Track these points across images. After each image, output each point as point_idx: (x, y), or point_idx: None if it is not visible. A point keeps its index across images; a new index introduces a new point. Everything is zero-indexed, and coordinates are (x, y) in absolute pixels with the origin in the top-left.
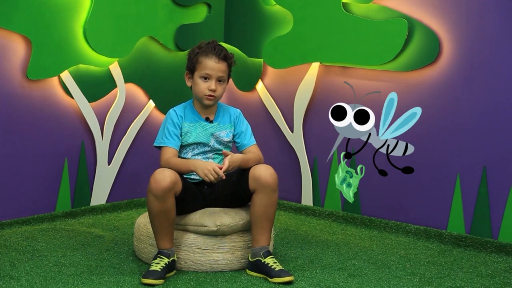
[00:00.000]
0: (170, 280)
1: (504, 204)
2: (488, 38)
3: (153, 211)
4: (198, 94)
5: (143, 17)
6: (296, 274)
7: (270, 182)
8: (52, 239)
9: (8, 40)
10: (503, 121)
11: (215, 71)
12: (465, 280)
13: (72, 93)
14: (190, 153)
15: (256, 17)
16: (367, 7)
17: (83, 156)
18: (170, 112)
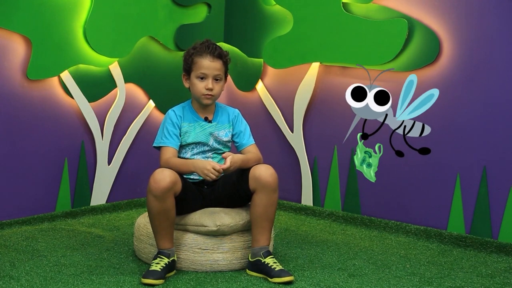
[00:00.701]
0: (170, 280)
1: (504, 204)
2: (488, 38)
3: (152, 211)
4: (196, 94)
5: (143, 17)
6: (296, 274)
7: (270, 182)
8: (52, 239)
9: (8, 40)
10: (503, 121)
11: (211, 70)
12: (465, 280)
13: (72, 93)
14: (189, 152)
15: (256, 17)
16: (367, 7)
17: (83, 156)
18: (169, 113)
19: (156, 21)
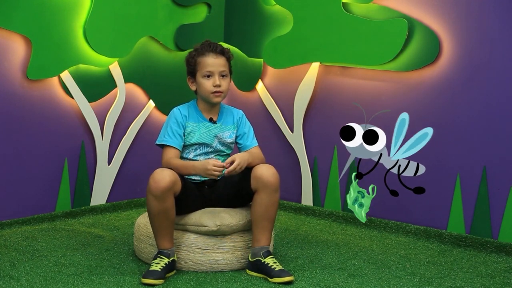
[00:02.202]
0: (170, 280)
1: (504, 204)
2: (488, 38)
3: (152, 211)
4: (205, 93)
5: (143, 17)
6: (296, 274)
7: (272, 181)
8: (52, 239)
9: (8, 40)
10: (503, 121)
11: (216, 66)
12: (465, 280)
13: (72, 93)
14: (192, 153)
15: (256, 17)
16: (367, 7)
17: (83, 156)
18: (174, 111)
19: (156, 21)
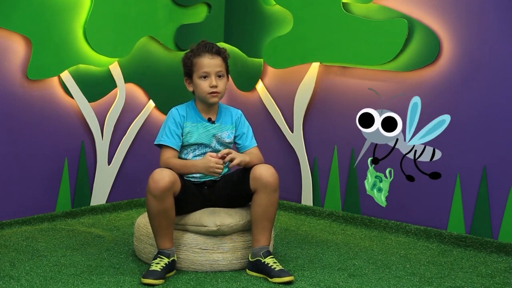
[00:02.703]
0: (170, 280)
1: (504, 204)
2: (488, 38)
3: (152, 211)
4: (202, 94)
5: (143, 17)
6: (296, 274)
7: (271, 181)
8: (52, 239)
9: (8, 40)
10: (503, 121)
11: (212, 67)
12: (465, 280)
13: (72, 93)
14: (191, 154)
15: (256, 17)
16: (367, 7)
17: (83, 156)
18: (172, 111)
19: (156, 21)
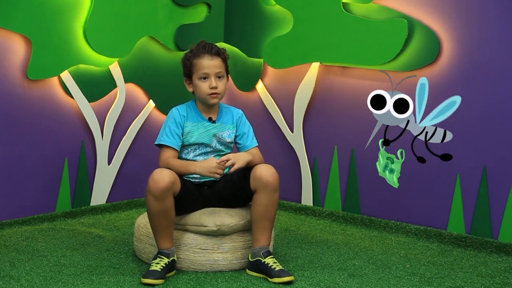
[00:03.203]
0: (170, 280)
1: (504, 204)
2: (488, 38)
3: (152, 211)
4: (201, 95)
5: (143, 17)
6: (296, 274)
7: (271, 181)
8: (52, 239)
9: (8, 40)
10: (503, 121)
11: (212, 68)
12: (465, 280)
13: (72, 93)
14: (192, 153)
15: (256, 17)
16: (367, 7)
17: (83, 156)
18: (173, 111)
19: (156, 21)
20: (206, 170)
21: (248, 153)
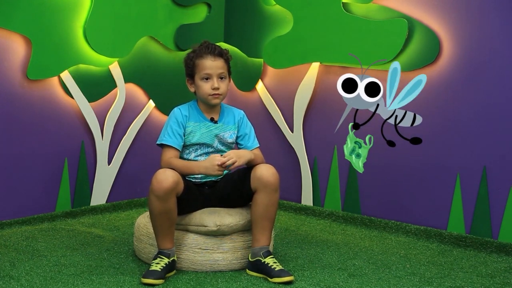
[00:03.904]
0: (170, 280)
1: (504, 204)
2: (488, 38)
3: (154, 211)
4: (203, 96)
5: (143, 17)
6: (296, 274)
7: (271, 181)
8: (52, 239)
9: (8, 40)
10: (503, 121)
11: (214, 69)
12: (465, 280)
13: (72, 93)
14: (193, 153)
15: (256, 17)
16: (367, 7)
17: (83, 156)
18: (175, 111)
19: (156, 21)
20: (210, 169)
21: (250, 151)
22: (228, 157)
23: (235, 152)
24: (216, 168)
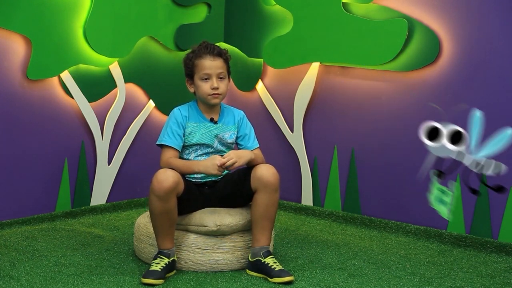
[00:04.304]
0: (170, 280)
1: (504, 204)
2: (488, 38)
3: (155, 211)
4: (203, 96)
5: (143, 17)
6: (296, 274)
7: (271, 181)
8: (52, 239)
9: (8, 40)
10: (503, 121)
11: (213, 69)
12: (465, 280)
13: (72, 93)
14: (193, 154)
15: (256, 17)
16: (367, 7)
17: (83, 156)
18: (175, 111)
19: (156, 21)
20: (211, 169)
21: (250, 152)
22: (228, 157)
23: (235, 153)
24: (216, 167)
